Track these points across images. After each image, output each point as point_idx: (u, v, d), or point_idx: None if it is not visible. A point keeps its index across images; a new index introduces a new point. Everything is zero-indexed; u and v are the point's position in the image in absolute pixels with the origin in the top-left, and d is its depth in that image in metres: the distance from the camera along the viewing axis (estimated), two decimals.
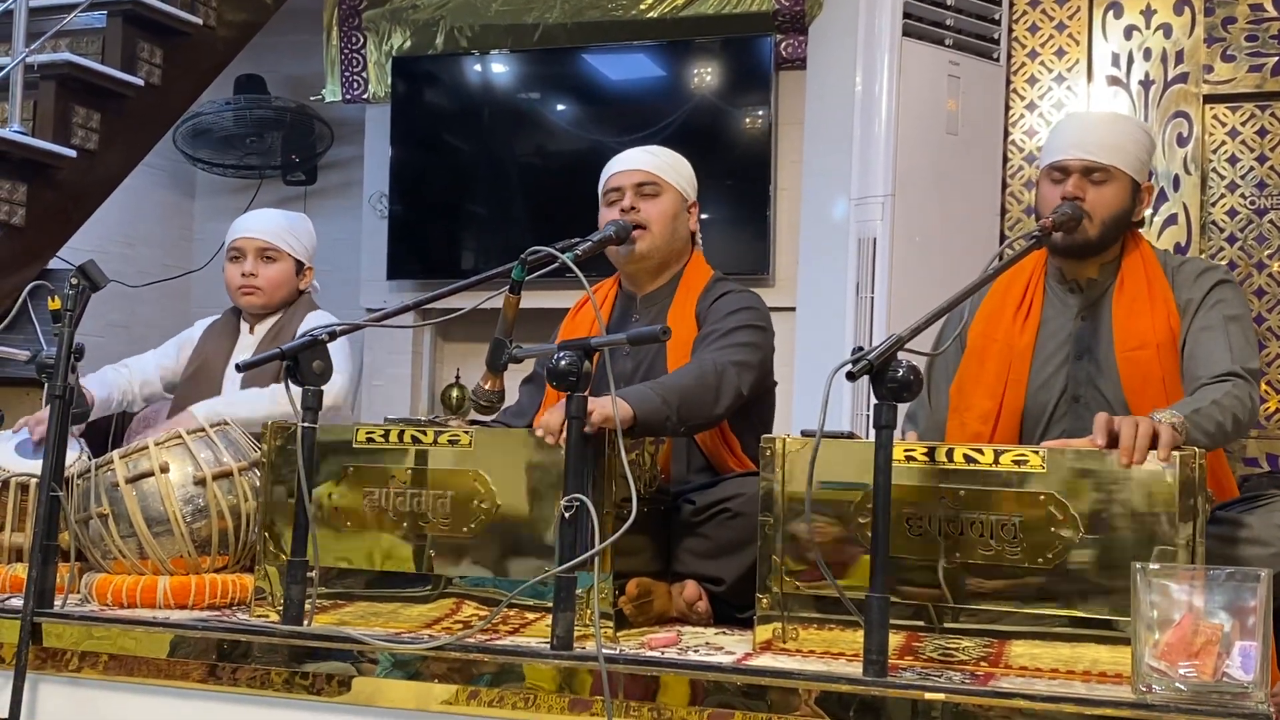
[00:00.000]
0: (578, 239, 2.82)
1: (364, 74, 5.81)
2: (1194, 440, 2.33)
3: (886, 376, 2.09)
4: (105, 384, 3.52)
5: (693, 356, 2.89)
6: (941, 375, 2.96)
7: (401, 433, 2.58)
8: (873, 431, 2.12)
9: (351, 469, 2.60)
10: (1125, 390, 2.73)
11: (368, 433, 2.61)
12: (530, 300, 2.82)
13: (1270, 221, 4.55)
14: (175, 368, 3.66)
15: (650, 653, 2.30)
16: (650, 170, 3.05)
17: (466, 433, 2.56)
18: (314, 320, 3.52)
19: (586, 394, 2.32)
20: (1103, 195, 2.76)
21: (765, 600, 2.36)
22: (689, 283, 3.06)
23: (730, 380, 2.79)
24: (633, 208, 3.01)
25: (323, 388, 3.26)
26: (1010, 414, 2.82)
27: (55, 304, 2.68)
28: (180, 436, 2.81)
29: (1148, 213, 4.57)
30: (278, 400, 3.22)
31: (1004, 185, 4.76)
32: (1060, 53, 4.76)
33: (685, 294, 3.04)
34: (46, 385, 2.69)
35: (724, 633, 2.60)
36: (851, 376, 2.10)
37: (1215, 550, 2.31)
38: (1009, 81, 4.79)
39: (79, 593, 2.77)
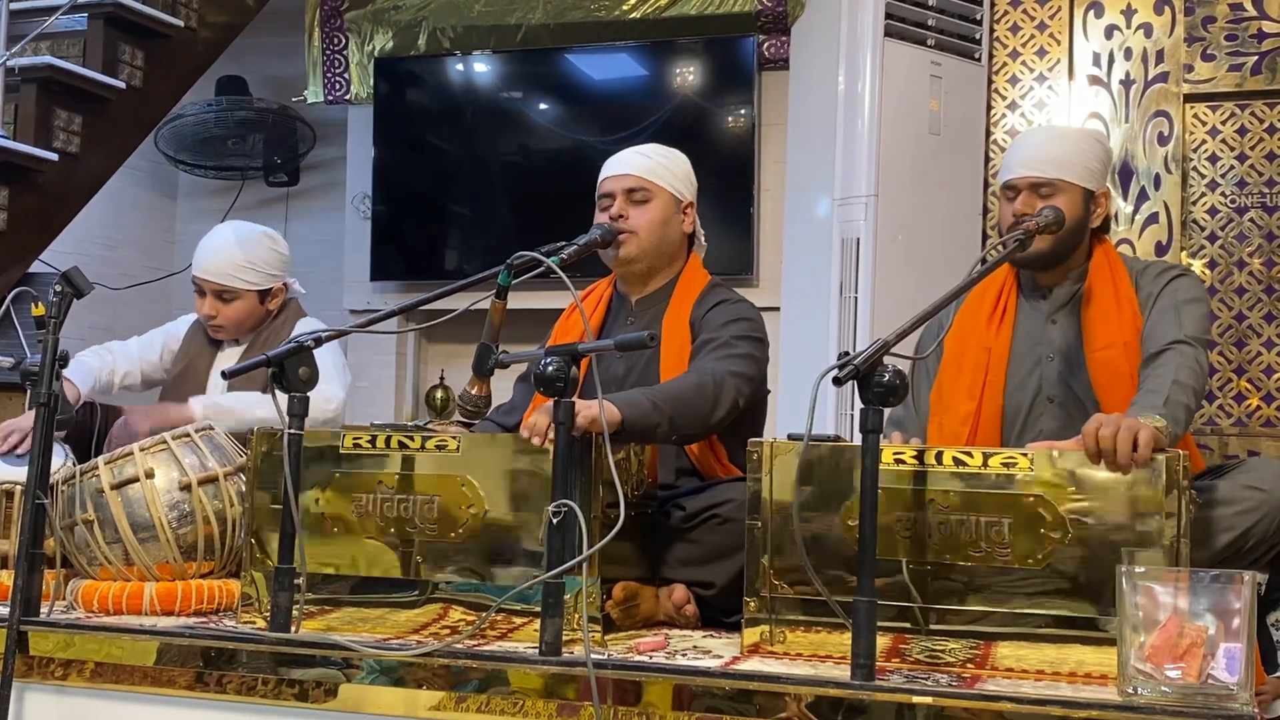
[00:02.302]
0: (564, 243, 2.82)
1: (346, 75, 5.80)
2: (1174, 436, 2.37)
3: (872, 382, 2.09)
4: (88, 372, 3.49)
5: (690, 366, 2.88)
6: (923, 378, 3.00)
7: (389, 439, 2.58)
8: (858, 434, 2.13)
9: (338, 475, 2.60)
10: (1096, 388, 2.80)
11: (355, 439, 2.60)
12: (521, 301, 2.82)
13: (1250, 219, 4.58)
14: (157, 363, 3.65)
15: (639, 657, 2.30)
16: (641, 174, 3.03)
17: (454, 438, 2.56)
18: (304, 329, 3.51)
19: (574, 399, 2.32)
20: (1053, 207, 2.82)
21: (753, 603, 2.36)
22: (685, 288, 3.05)
23: (729, 390, 2.77)
24: (620, 215, 3.00)
25: (326, 406, 3.30)
26: (989, 415, 2.89)
27: (39, 310, 2.67)
28: (165, 442, 2.80)
29: (1129, 211, 4.61)
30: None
31: (986, 185, 4.78)
32: (1041, 52, 4.78)
33: (681, 299, 3.03)
34: (30, 392, 2.68)
35: (712, 636, 2.60)
36: (838, 382, 2.10)
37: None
38: (990, 81, 4.81)
39: (64, 599, 2.76)
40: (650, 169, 3.04)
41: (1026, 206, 2.85)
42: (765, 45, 5.21)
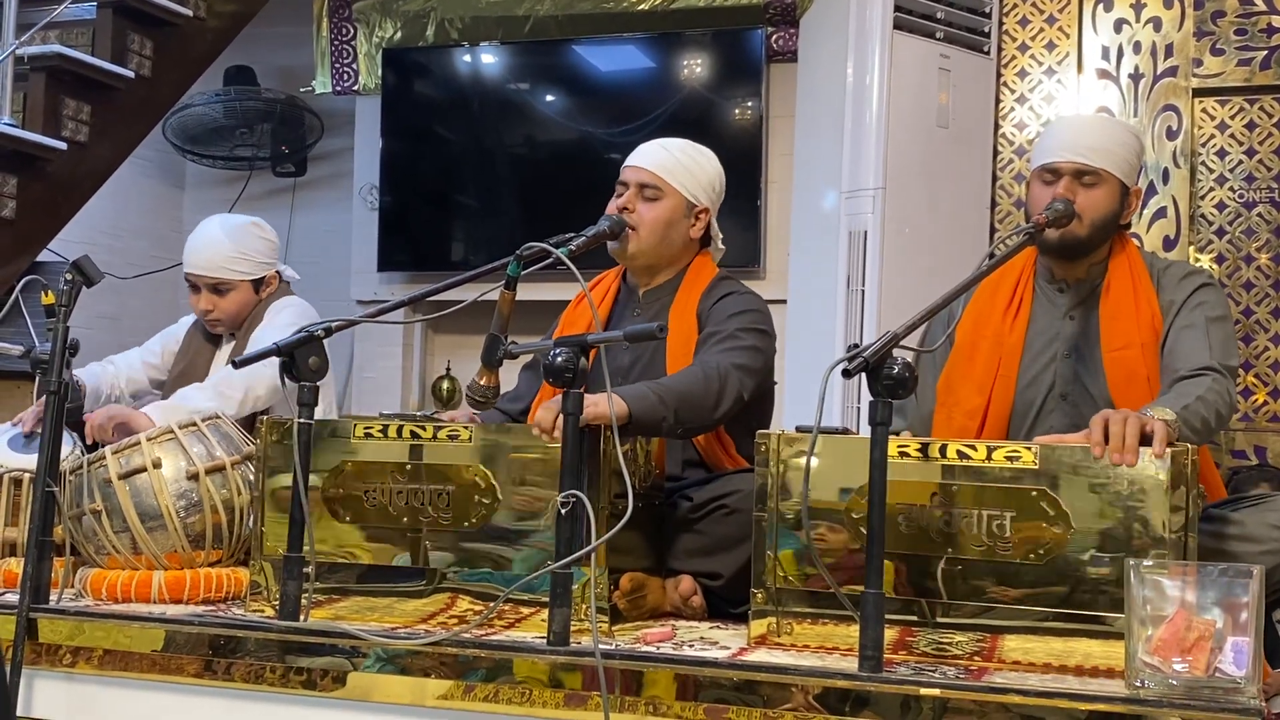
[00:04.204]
0: (572, 234, 2.82)
1: (354, 65, 5.80)
2: (1184, 437, 2.36)
3: (882, 374, 2.09)
4: (94, 376, 3.52)
5: (695, 358, 2.88)
6: (928, 369, 2.97)
7: (400, 428, 2.58)
8: (865, 426, 2.13)
9: (348, 463, 2.60)
10: (1111, 388, 2.76)
11: (365, 427, 2.61)
12: (529, 292, 2.82)
13: (1259, 215, 4.57)
14: (161, 365, 3.67)
15: (646, 648, 2.31)
16: (656, 171, 3.00)
17: (466, 427, 2.56)
18: (280, 306, 3.52)
19: (583, 390, 2.32)
20: (1092, 198, 2.80)
21: (760, 595, 2.37)
22: (692, 280, 3.04)
23: (733, 384, 2.77)
24: (627, 208, 3.00)
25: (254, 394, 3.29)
26: (998, 410, 2.85)
27: (49, 298, 2.69)
28: (172, 431, 2.81)
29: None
30: (220, 392, 3.23)
31: (994, 178, 4.77)
32: (1050, 46, 4.77)
33: (688, 292, 3.02)
34: (39, 380, 2.68)
35: (718, 627, 2.60)
36: (848, 374, 2.10)
37: (1206, 546, 2.33)
38: (999, 74, 4.80)
39: (73, 588, 2.77)
40: (668, 167, 3.02)
41: (1069, 192, 2.79)
42: (773, 37, 5.21)
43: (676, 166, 3.02)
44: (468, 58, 5.68)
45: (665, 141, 3.09)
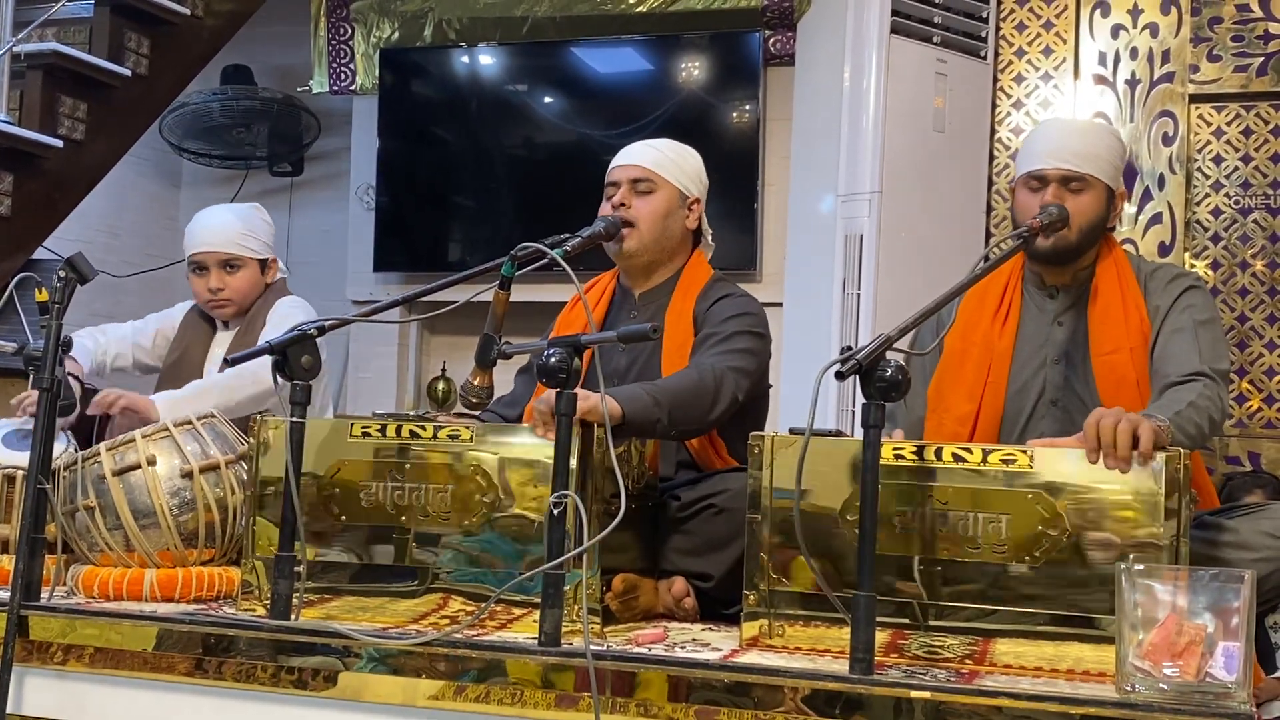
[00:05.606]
0: (568, 235, 2.82)
1: (351, 65, 5.80)
2: (1177, 443, 2.35)
3: (875, 376, 2.09)
4: (86, 353, 3.51)
5: (691, 361, 2.88)
6: (918, 375, 2.96)
7: (399, 427, 2.58)
8: (859, 429, 2.13)
9: (342, 463, 2.60)
10: (1101, 393, 2.75)
11: (363, 427, 2.60)
12: (523, 294, 2.82)
13: (1254, 221, 4.58)
14: (150, 349, 3.66)
15: (637, 649, 2.30)
16: (647, 166, 3.03)
17: (467, 427, 2.56)
18: (284, 306, 3.52)
19: (576, 390, 2.32)
20: (1080, 203, 2.79)
21: (752, 597, 2.36)
22: (688, 282, 3.05)
23: (728, 387, 2.78)
24: (623, 204, 3.01)
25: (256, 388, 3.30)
26: (989, 416, 2.85)
27: (43, 295, 2.67)
28: (167, 429, 2.80)
29: (1132, 211, 4.62)
30: (230, 384, 3.24)
31: (990, 183, 4.78)
32: (1047, 51, 4.78)
33: (684, 293, 3.03)
34: (33, 378, 2.68)
35: (710, 629, 2.60)
36: (840, 376, 2.10)
37: (1199, 553, 2.33)
38: (996, 79, 4.82)
39: (65, 585, 2.76)
40: (657, 161, 3.04)
41: (1056, 199, 2.78)
42: (771, 40, 5.21)
43: (665, 160, 3.04)
44: (465, 58, 5.68)
45: (648, 141, 3.12)
